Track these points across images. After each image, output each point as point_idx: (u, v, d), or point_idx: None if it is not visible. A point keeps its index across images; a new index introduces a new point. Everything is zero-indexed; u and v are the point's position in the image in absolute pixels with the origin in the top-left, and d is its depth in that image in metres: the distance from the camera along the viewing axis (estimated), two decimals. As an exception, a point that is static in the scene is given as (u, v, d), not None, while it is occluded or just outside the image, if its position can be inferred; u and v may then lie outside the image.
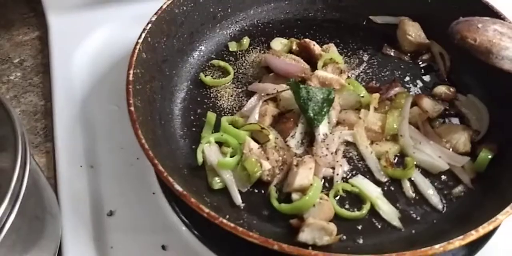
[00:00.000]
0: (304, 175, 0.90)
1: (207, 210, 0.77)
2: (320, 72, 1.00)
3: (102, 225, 0.92)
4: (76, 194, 0.96)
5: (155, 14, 1.00)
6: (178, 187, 0.79)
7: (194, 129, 1.02)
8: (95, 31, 1.23)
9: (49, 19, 1.25)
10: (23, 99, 1.16)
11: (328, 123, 0.96)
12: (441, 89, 1.05)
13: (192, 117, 1.03)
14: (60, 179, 0.98)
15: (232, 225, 0.75)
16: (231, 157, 0.94)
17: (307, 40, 1.08)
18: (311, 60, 1.07)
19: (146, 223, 0.92)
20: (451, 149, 0.96)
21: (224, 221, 0.76)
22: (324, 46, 1.10)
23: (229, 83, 1.09)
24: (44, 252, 0.86)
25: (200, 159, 0.94)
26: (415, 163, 0.94)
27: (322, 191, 0.91)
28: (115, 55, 1.17)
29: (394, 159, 0.96)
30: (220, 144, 0.97)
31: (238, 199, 0.91)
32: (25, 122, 1.11)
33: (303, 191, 0.89)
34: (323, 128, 0.95)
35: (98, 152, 1.03)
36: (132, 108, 0.87)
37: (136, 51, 0.95)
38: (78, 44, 1.20)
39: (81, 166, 1.00)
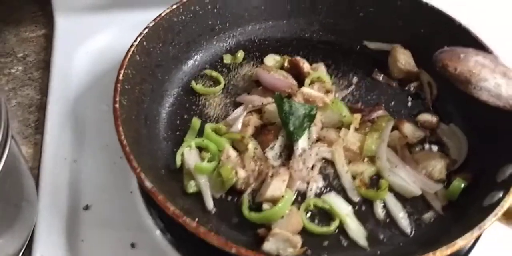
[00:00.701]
0: (276, 186, 0.91)
1: (172, 208, 0.78)
2: (305, 89, 1.02)
3: (77, 218, 0.94)
4: (56, 185, 0.98)
5: (153, 20, 1.03)
6: (148, 184, 0.81)
7: (178, 133, 1.03)
8: (98, 33, 1.27)
9: (56, 19, 1.30)
10: (20, 92, 1.19)
11: (308, 138, 0.98)
12: (425, 117, 1.06)
13: (178, 122, 1.06)
14: (43, 169, 1.00)
15: (194, 225, 0.76)
16: (208, 162, 0.96)
17: (297, 57, 1.11)
18: (300, 77, 1.09)
19: (119, 220, 0.94)
20: (426, 176, 0.96)
21: (187, 220, 0.77)
22: (314, 65, 1.13)
23: (219, 92, 1.11)
24: (15, 239, 0.88)
25: (178, 161, 0.95)
26: (388, 185, 0.95)
27: (293, 204, 0.92)
28: (114, 58, 1.18)
29: (369, 180, 0.97)
30: (200, 149, 0.99)
31: (210, 204, 0.92)
32: (19, 113, 1.15)
33: (274, 202, 0.90)
34: (302, 143, 0.96)
35: (84, 148, 1.05)
36: (117, 105, 0.90)
37: (130, 53, 0.97)
38: (81, 44, 1.25)
39: (65, 159, 1.02)
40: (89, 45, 1.25)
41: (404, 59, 1.12)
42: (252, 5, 1.18)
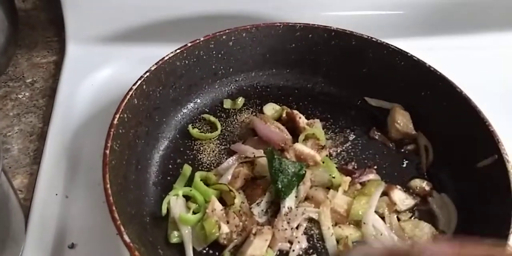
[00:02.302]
0: (258, 246, 0.90)
1: (147, 268, 0.79)
2: (298, 146, 1.02)
3: (61, 256, 0.95)
4: (45, 221, 0.98)
5: (156, 64, 1.03)
6: (127, 238, 0.80)
7: (169, 178, 1.04)
8: (106, 65, 1.29)
9: (68, 47, 1.32)
10: (24, 119, 1.21)
11: (296, 197, 0.97)
12: (418, 183, 1.04)
13: (170, 166, 1.06)
14: (34, 203, 1.00)
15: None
16: (194, 213, 0.96)
17: (295, 111, 1.11)
18: (295, 132, 1.09)
19: (103, 262, 0.94)
20: (411, 247, 0.94)
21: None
22: (310, 121, 1.12)
23: (215, 138, 1.11)
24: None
25: (164, 210, 0.95)
26: (372, 253, 0.94)
27: (274, 265, 0.92)
28: (118, 93, 1.19)
29: (353, 245, 0.96)
30: (188, 198, 0.99)
31: None
32: (20, 141, 1.16)
33: (254, 261, 0.90)
34: (289, 201, 0.96)
35: (77, 184, 1.05)
36: (107, 151, 0.90)
37: (128, 96, 0.97)
38: (88, 75, 1.26)
39: (56, 194, 1.03)
40: (96, 76, 1.27)
41: (402, 120, 1.10)
42: (257, 53, 1.18)
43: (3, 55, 1.22)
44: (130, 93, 0.99)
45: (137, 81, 1.01)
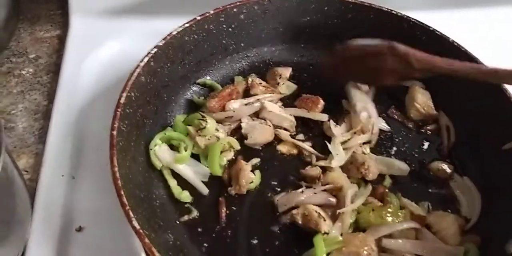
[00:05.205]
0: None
1: (157, 254, 0.75)
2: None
3: (69, 239, 0.92)
4: (52, 203, 0.95)
5: (163, 39, 0.98)
6: (136, 224, 0.77)
7: (180, 158, 1.00)
8: (111, 39, 1.24)
9: (72, 20, 1.26)
10: (28, 96, 1.17)
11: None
12: (439, 165, 0.99)
13: (180, 146, 1.02)
14: (40, 185, 0.97)
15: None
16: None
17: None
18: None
19: (111, 245, 0.91)
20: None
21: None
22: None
23: (225, 117, 1.07)
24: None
25: (158, 163, 0.95)
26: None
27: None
28: (125, 68, 1.15)
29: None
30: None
31: (204, 189, 0.95)
32: (24, 119, 1.12)
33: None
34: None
35: (83, 164, 1.02)
36: (114, 132, 0.86)
37: (135, 74, 0.93)
38: (93, 50, 1.21)
39: (62, 175, 0.99)
40: (102, 51, 1.22)
41: (422, 99, 1.05)
42: (269, 26, 1.13)
43: (5, 30, 1.18)
44: (137, 70, 0.94)
45: (144, 58, 0.96)
